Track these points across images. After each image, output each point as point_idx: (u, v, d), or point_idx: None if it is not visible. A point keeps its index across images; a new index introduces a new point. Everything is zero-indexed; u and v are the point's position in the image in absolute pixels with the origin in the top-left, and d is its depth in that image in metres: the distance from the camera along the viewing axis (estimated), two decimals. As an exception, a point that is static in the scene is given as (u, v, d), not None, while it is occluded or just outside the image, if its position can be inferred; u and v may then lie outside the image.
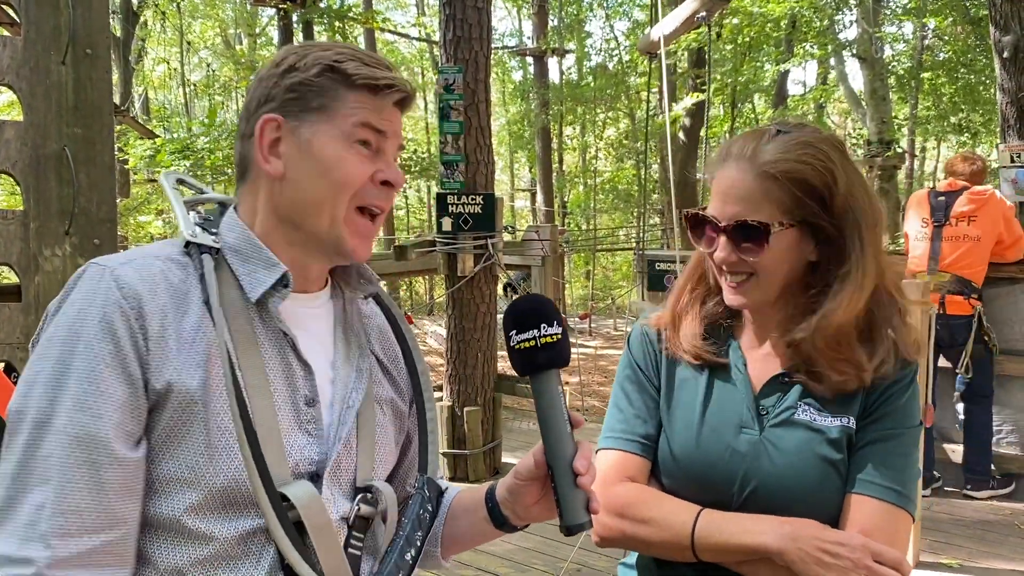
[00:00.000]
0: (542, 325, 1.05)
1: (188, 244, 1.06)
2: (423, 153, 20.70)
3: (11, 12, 2.89)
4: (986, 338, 4.71)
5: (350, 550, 1.08)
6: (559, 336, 1.05)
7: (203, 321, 1.01)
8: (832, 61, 16.88)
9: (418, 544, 1.13)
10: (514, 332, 1.06)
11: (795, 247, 1.29)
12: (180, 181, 1.18)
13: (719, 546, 1.26)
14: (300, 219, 1.07)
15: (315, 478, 1.06)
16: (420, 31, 20.98)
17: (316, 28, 16.17)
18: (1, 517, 0.91)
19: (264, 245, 1.08)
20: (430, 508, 1.18)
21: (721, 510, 1.30)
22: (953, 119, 16.42)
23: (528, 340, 1.05)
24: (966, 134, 16.97)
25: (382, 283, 1.28)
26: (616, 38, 23.27)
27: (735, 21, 14.60)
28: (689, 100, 11.90)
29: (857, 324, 1.28)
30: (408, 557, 1.11)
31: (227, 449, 0.97)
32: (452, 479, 5.59)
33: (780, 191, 1.26)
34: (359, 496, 1.11)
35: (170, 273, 1.02)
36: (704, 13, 2.60)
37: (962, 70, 14.64)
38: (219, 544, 0.97)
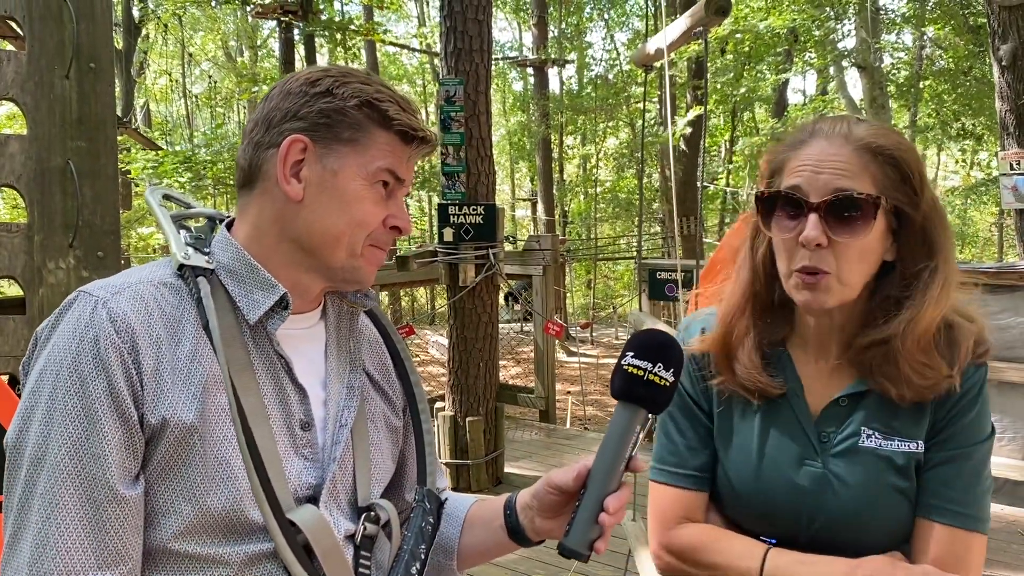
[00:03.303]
0: (659, 364, 1.01)
1: (182, 266, 1.03)
2: (424, 164, 20.75)
3: (15, 27, 2.91)
4: None
5: (360, 570, 1.07)
6: (667, 384, 1.02)
7: (198, 349, 0.99)
8: (832, 70, 16.94)
9: (422, 557, 1.12)
10: (631, 354, 1.03)
11: (882, 238, 1.16)
12: (167, 196, 1.16)
13: None
14: (314, 247, 1.06)
15: (313, 501, 1.05)
16: (421, 43, 21.09)
17: (317, 40, 16.24)
18: (8, 552, 0.91)
19: (260, 265, 1.05)
20: (431, 520, 1.17)
21: (789, 544, 1.23)
22: (956, 125, 16.45)
23: (639, 368, 1.02)
24: (969, 139, 16.98)
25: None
26: (616, 48, 23.37)
27: (738, 36, 14.66)
28: (692, 114, 11.95)
29: (937, 329, 1.18)
30: (414, 571, 1.10)
31: (226, 478, 0.96)
32: (454, 489, 5.58)
33: (880, 167, 1.14)
34: (363, 516, 1.10)
35: (163, 300, 1.00)
36: (700, 29, 2.60)
37: (961, 77, 14.69)
38: (227, 567, 0.97)
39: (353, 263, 1.08)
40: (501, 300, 5.76)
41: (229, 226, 1.11)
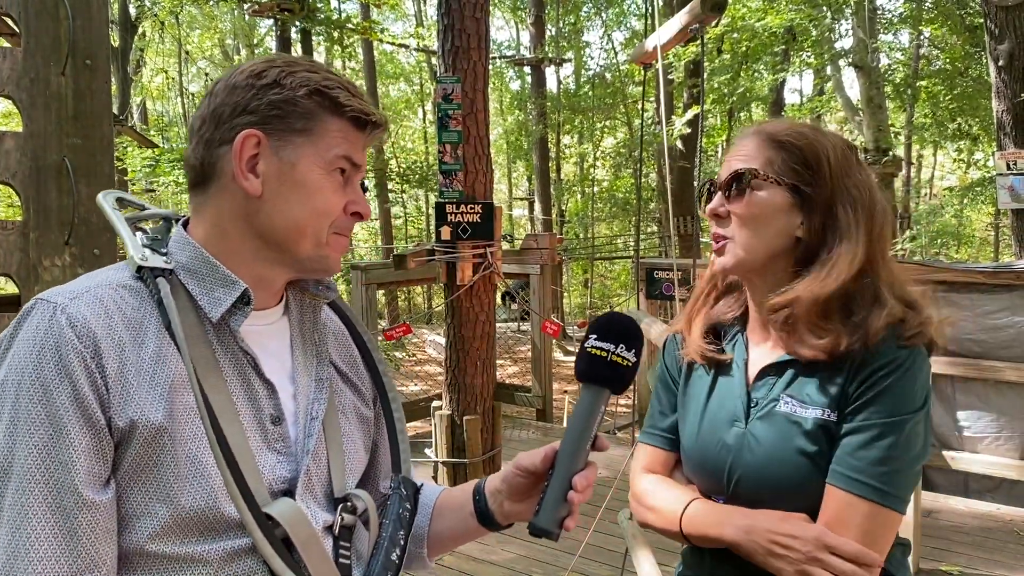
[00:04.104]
0: (621, 345, 1.06)
1: (140, 268, 1.02)
2: (421, 163, 20.73)
3: (11, 23, 2.90)
4: None
5: (340, 560, 1.08)
6: (630, 364, 1.06)
7: (162, 349, 0.98)
8: (828, 70, 16.94)
9: (402, 543, 1.14)
10: (594, 336, 1.08)
11: (781, 211, 1.32)
12: (120, 200, 1.15)
13: (697, 535, 1.34)
14: (279, 240, 1.06)
15: (288, 494, 1.05)
16: (418, 43, 21.05)
17: (315, 39, 16.22)
18: None
19: (219, 262, 1.05)
20: (408, 506, 1.18)
21: (717, 498, 1.37)
22: (952, 125, 16.48)
23: (602, 350, 1.06)
24: (965, 139, 17.01)
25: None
26: (614, 48, 23.37)
27: (735, 36, 14.65)
28: (689, 113, 11.96)
29: (840, 300, 1.29)
30: (394, 557, 1.11)
31: (199, 476, 0.96)
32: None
33: (773, 152, 1.33)
34: (340, 507, 1.11)
35: (123, 302, 0.99)
36: (697, 25, 2.61)
37: (958, 77, 14.72)
38: (206, 566, 0.97)
39: (320, 252, 1.08)
40: (498, 299, 5.76)
41: (185, 225, 1.10)
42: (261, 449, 1.04)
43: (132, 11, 16.93)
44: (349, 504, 1.12)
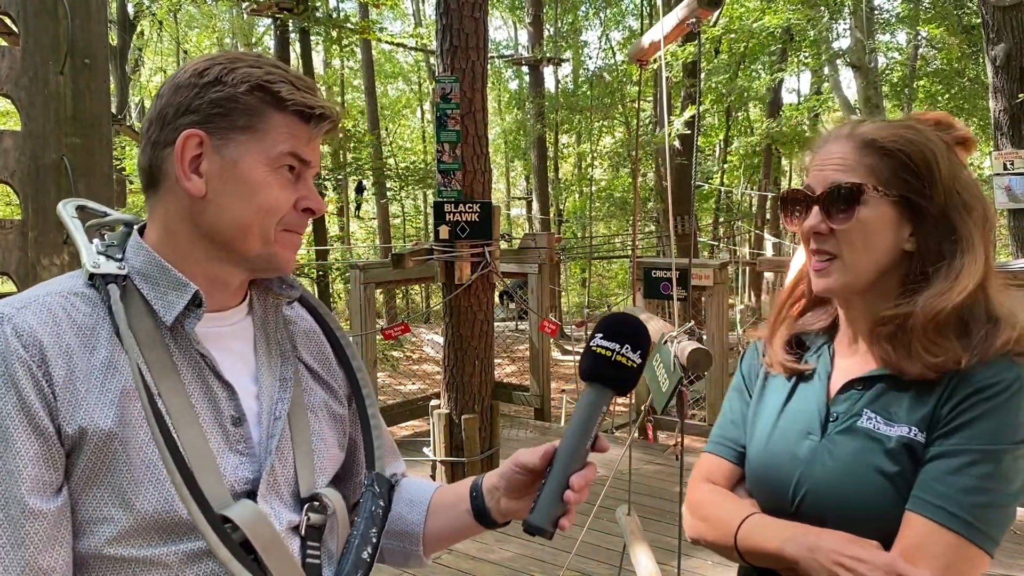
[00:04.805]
0: (627, 346, 1.05)
1: (93, 275, 1.02)
2: (420, 162, 20.73)
3: (9, 22, 2.90)
4: None
5: (309, 560, 1.07)
6: (635, 365, 1.05)
7: (114, 356, 0.98)
8: (826, 69, 16.98)
9: (374, 541, 1.12)
10: (600, 335, 1.07)
11: (890, 226, 1.21)
12: (80, 208, 1.15)
13: (754, 550, 1.24)
14: (226, 240, 1.05)
15: (251, 495, 1.04)
16: (417, 43, 21.05)
17: (313, 38, 16.20)
18: None
19: (171, 265, 1.04)
20: (382, 503, 1.17)
21: (778, 515, 1.26)
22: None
23: (607, 349, 1.05)
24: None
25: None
26: (612, 48, 23.38)
27: (733, 36, 14.66)
28: (687, 113, 11.98)
29: (956, 314, 1.18)
30: (365, 555, 1.10)
31: (154, 481, 0.96)
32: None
33: (878, 160, 1.20)
34: (306, 506, 1.10)
35: (73, 310, 0.99)
36: (694, 20, 2.61)
37: (955, 78, 14.75)
38: (165, 569, 0.97)
39: (268, 250, 1.07)
40: (496, 298, 5.76)
41: (143, 231, 1.10)
42: (222, 451, 1.03)
43: (131, 10, 16.91)
44: (317, 503, 1.11)
